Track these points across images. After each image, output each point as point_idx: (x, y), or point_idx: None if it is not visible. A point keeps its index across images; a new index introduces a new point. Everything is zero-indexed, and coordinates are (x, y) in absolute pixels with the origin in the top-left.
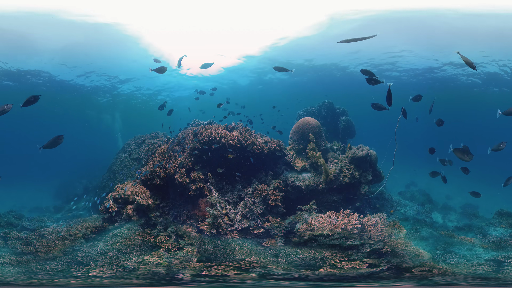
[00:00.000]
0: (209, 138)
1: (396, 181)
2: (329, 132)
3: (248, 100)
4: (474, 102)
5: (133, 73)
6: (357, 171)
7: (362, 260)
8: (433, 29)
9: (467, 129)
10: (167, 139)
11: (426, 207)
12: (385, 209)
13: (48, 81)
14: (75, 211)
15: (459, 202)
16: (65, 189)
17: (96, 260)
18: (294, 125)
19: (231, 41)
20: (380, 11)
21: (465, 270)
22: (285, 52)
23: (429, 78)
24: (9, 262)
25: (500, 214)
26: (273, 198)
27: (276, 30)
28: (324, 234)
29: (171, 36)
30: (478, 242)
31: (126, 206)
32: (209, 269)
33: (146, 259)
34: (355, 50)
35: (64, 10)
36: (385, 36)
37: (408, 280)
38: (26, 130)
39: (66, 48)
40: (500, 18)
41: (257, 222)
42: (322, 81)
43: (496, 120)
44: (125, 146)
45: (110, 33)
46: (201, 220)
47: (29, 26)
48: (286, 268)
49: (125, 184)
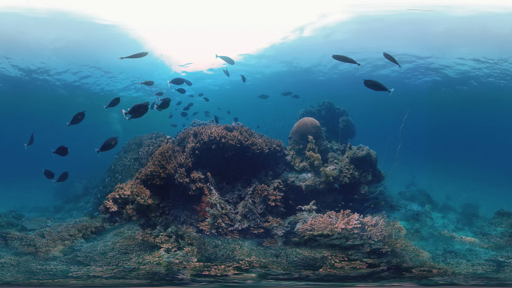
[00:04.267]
0: (209, 138)
1: (396, 181)
2: (329, 132)
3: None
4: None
5: (133, 73)
6: (357, 171)
7: (362, 260)
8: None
9: (467, 129)
10: (167, 139)
11: (426, 207)
12: (385, 208)
13: (48, 82)
14: (82, 209)
15: (459, 202)
16: (65, 189)
17: (96, 260)
18: (294, 125)
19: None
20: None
21: (465, 270)
22: (279, 51)
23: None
24: (9, 262)
25: (500, 214)
26: (273, 198)
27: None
28: (324, 234)
29: (172, 36)
30: (478, 242)
31: (126, 206)
32: (209, 269)
33: (146, 259)
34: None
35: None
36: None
37: (408, 280)
38: (26, 130)
39: (66, 47)
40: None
41: (257, 222)
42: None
43: (497, 120)
44: (125, 146)
45: (113, 34)
46: (201, 220)
47: (27, 25)
48: (286, 268)
49: (125, 184)
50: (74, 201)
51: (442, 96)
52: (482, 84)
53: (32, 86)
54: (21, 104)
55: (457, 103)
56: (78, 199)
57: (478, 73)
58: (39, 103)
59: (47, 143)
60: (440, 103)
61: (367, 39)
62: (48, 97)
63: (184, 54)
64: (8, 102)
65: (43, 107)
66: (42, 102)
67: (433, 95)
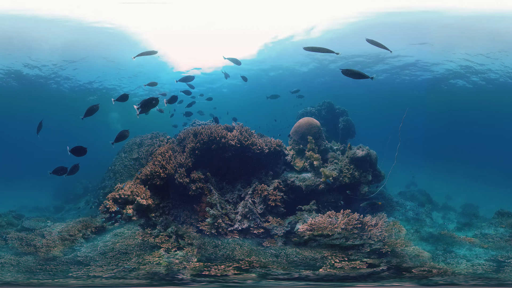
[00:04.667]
0: (209, 138)
1: (396, 181)
2: (329, 132)
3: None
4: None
5: (133, 74)
6: (357, 171)
7: (362, 260)
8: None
9: (467, 129)
10: (167, 139)
11: (426, 207)
12: (385, 208)
13: (47, 81)
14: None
15: (459, 202)
16: (65, 189)
17: (96, 260)
18: (294, 125)
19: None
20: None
21: (465, 270)
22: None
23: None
24: (9, 262)
25: (500, 214)
26: (273, 198)
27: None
28: (324, 234)
29: (172, 37)
30: (478, 242)
31: (126, 206)
32: (209, 269)
33: (146, 259)
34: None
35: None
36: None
37: (408, 280)
38: (26, 130)
39: (67, 48)
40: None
41: (257, 222)
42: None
43: (496, 120)
44: (125, 146)
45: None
46: (201, 220)
47: (31, 27)
48: (286, 268)
49: (125, 184)
50: (74, 201)
51: (442, 95)
52: (485, 81)
53: (33, 85)
54: (21, 104)
55: (457, 102)
56: (78, 199)
57: (479, 68)
58: (38, 103)
59: (47, 143)
60: (440, 102)
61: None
62: (48, 97)
63: (185, 54)
64: (7, 102)
65: (41, 107)
66: (42, 102)
67: (433, 94)
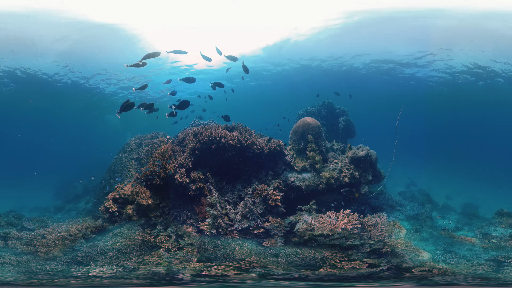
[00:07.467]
0: (209, 138)
1: (396, 181)
2: (329, 132)
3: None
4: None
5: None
6: (357, 171)
7: (362, 260)
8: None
9: (467, 129)
10: (167, 139)
11: (426, 207)
12: (385, 208)
13: (47, 82)
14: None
15: (459, 202)
16: (65, 189)
17: (96, 260)
18: (294, 125)
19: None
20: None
21: (465, 270)
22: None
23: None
24: (9, 262)
25: (500, 214)
26: (273, 198)
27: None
28: (324, 234)
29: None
30: (478, 242)
31: (126, 206)
32: (209, 269)
33: (146, 259)
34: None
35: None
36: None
37: (408, 280)
38: (26, 130)
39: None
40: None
41: (257, 222)
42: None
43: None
44: (125, 146)
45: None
46: (201, 220)
47: (30, 26)
48: (286, 268)
49: (125, 184)
50: (74, 201)
51: (442, 94)
52: (486, 82)
53: (33, 85)
54: (20, 104)
55: (457, 102)
56: (78, 199)
57: (479, 71)
58: (38, 103)
59: (45, 143)
60: (440, 102)
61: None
62: (48, 97)
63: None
64: (7, 102)
65: (41, 107)
66: (42, 101)
67: (432, 93)
